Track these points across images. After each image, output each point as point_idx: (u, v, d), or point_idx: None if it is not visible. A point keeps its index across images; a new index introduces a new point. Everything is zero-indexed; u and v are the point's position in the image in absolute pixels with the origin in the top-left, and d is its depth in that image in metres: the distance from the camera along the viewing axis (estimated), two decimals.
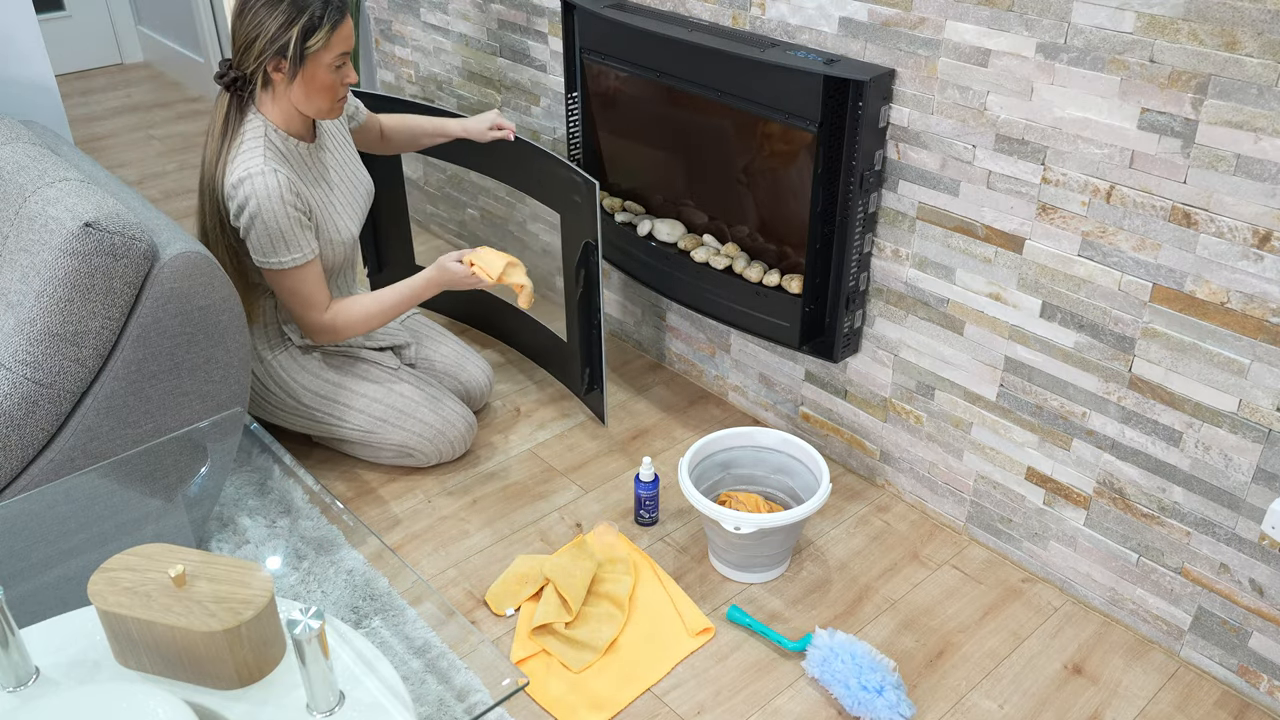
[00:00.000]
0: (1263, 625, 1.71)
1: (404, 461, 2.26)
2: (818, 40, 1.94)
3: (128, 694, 1.20)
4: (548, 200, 2.29)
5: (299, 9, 1.86)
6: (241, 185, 1.90)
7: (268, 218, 1.91)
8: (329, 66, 1.92)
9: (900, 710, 1.70)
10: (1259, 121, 1.45)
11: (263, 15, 1.86)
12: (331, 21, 1.88)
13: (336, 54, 1.92)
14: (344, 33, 1.91)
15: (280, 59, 1.89)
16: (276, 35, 1.86)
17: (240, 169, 1.91)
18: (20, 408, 1.67)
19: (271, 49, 1.88)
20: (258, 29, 1.87)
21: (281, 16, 1.85)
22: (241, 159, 1.92)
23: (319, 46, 1.89)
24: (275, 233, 1.93)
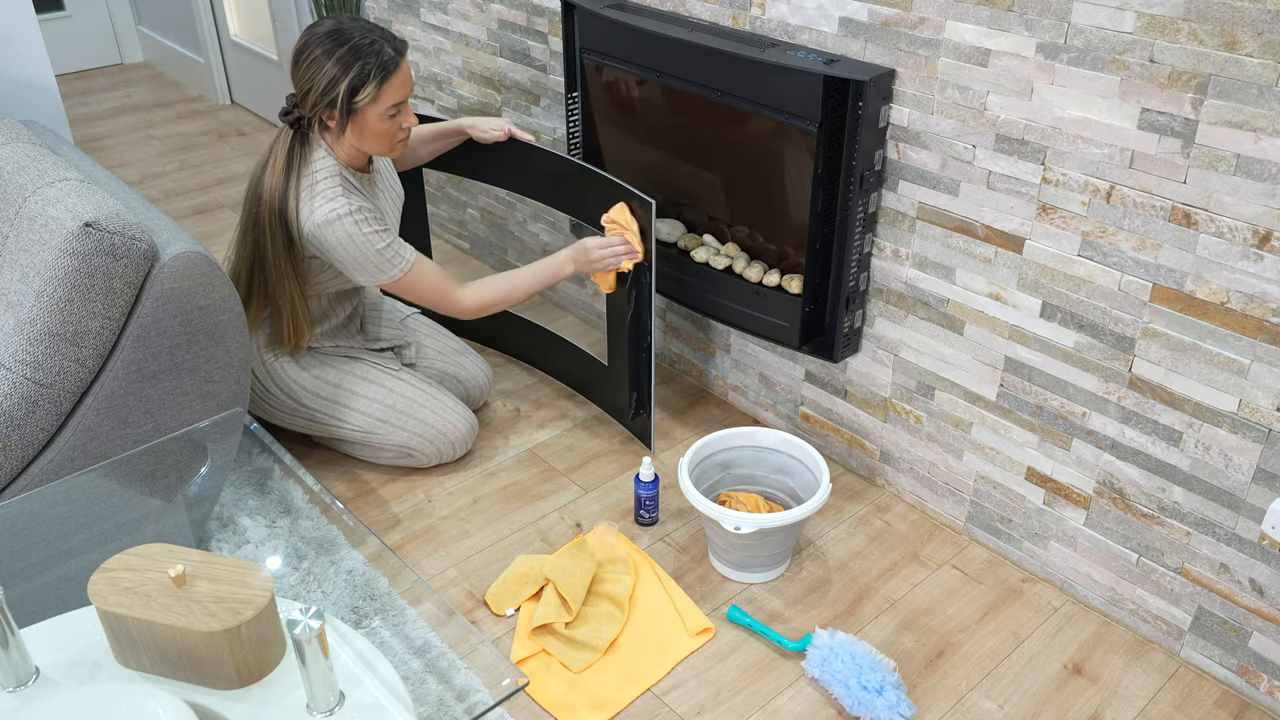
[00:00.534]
0: (1263, 625, 1.71)
1: (404, 462, 2.26)
2: (818, 40, 1.94)
3: (128, 694, 1.20)
4: (592, 219, 2.23)
5: (347, 65, 1.90)
6: (331, 225, 1.96)
7: (366, 248, 1.99)
8: (381, 116, 1.97)
9: (900, 710, 1.70)
10: (1259, 121, 1.45)
11: (314, 69, 1.92)
12: (380, 76, 1.92)
13: (388, 105, 1.96)
14: (396, 83, 1.95)
15: (331, 110, 1.94)
16: (326, 90, 1.92)
17: (324, 208, 1.96)
18: (20, 408, 1.67)
19: (323, 101, 1.93)
20: (310, 81, 1.93)
21: (333, 70, 1.90)
22: (323, 199, 1.97)
23: (367, 102, 1.94)
24: (377, 258, 2.01)
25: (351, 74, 1.90)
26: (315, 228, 1.97)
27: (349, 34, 1.92)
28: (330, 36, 1.92)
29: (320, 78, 1.91)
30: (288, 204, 1.99)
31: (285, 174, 1.99)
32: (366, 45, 1.91)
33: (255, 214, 2.02)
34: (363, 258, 2.00)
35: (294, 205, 1.99)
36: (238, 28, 4.30)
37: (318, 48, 1.91)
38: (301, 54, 1.93)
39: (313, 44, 1.92)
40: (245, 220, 2.06)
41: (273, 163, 2.00)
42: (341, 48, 1.90)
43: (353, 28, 1.93)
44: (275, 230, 1.99)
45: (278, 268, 2.03)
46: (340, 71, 1.90)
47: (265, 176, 2.00)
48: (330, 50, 1.90)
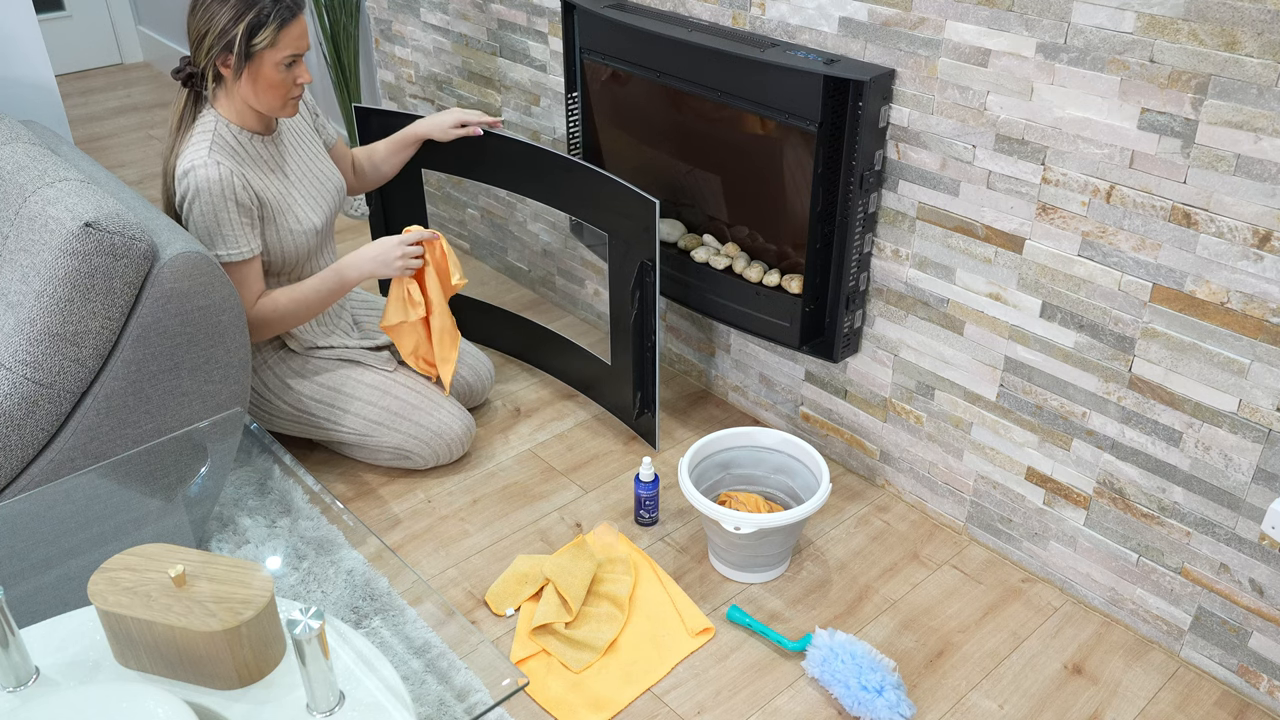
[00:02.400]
0: (1263, 625, 1.71)
1: (401, 464, 2.26)
2: (818, 40, 1.94)
3: (128, 694, 1.20)
4: (595, 220, 2.24)
5: (247, 5, 1.87)
6: (185, 177, 1.92)
7: (206, 210, 1.92)
8: (278, 65, 1.92)
9: (900, 710, 1.70)
10: (1259, 121, 1.45)
11: (213, 10, 1.87)
12: (280, 20, 1.89)
13: (285, 53, 1.92)
14: (294, 32, 1.91)
15: (227, 54, 1.90)
16: (224, 31, 1.87)
17: (186, 161, 1.93)
18: (20, 408, 1.67)
19: (219, 44, 1.89)
20: (207, 24, 1.88)
21: (230, 12, 1.87)
22: (188, 152, 1.94)
23: (265, 44, 1.90)
24: (213, 225, 1.94)
25: (251, 14, 1.87)
26: (175, 180, 1.93)
27: None
28: None
29: (219, 17, 1.87)
30: (169, 164, 1.96)
31: (175, 135, 1.97)
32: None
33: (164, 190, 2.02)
34: (199, 219, 1.92)
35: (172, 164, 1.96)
36: None
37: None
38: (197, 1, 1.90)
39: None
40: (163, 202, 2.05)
41: (169, 128, 1.99)
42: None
43: None
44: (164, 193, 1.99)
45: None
46: (241, 9, 1.86)
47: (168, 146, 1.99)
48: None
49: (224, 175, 1.91)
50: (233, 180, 1.93)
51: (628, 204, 2.12)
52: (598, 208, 2.21)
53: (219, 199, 1.92)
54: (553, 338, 2.56)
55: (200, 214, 1.93)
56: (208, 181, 1.90)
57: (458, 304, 2.74)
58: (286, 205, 2.07)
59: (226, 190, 1.92)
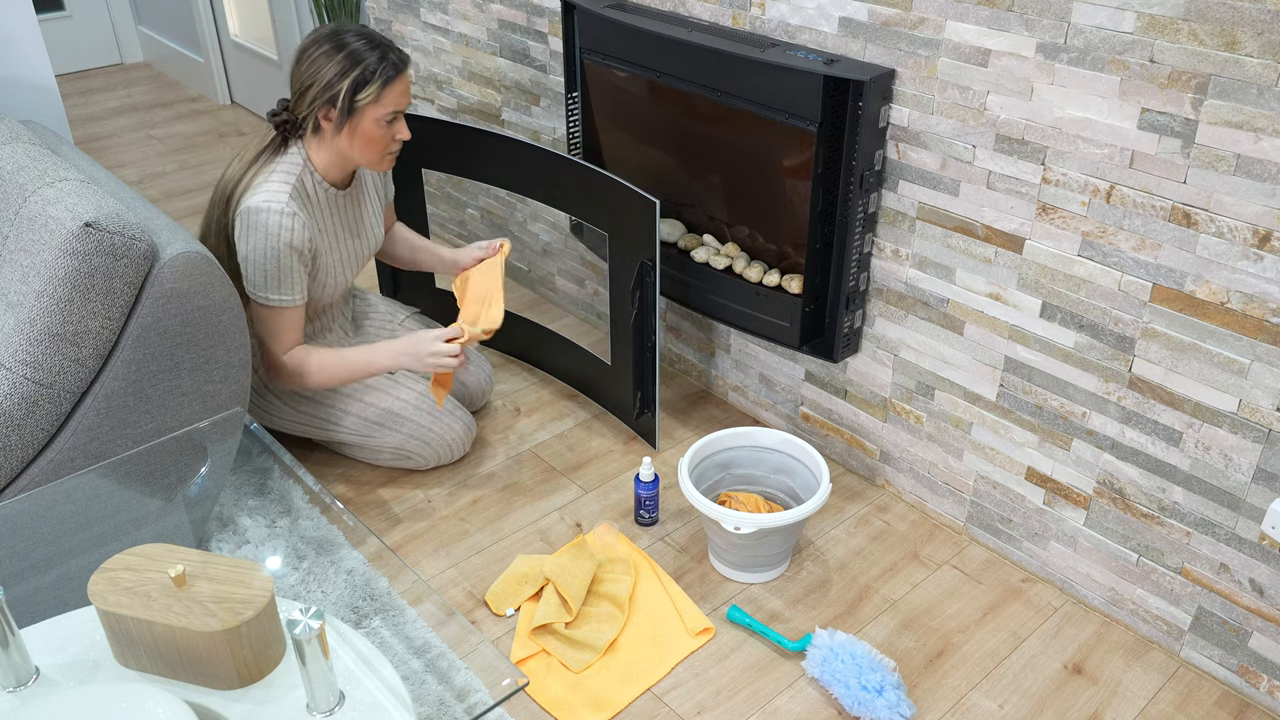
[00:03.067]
0: (1263, 625, 1.71)
1: (402, 464, 2.26)
2: (818, 40, 1.94)
3: (128, 694, 1.20)
4: (595, 220, 2.24)
5: (354, 61, 1.90)
6: (256, 214, 1.92)
7: (269, 253, 1.94)
8: (379, 120, 1.96)
9: (900, 710, 1.70)
10: (1259, 121, 1.45)
11: (320, 64, 1.90)
12: (384, 78, 1.92)
13: (388, 110, 1.95)
14: (398, 89, 1.95)
15: (329, 108, 1.93)
16: (329, 84, 1.90)
17: (263, 196, 1.93)
18: (20, 408, 1.67)
19: (323, 97, 1.92)
20: (313, 76, 1.91)
21: (337, 67, 1.90)
22: (266, 188, 1.94)
23: (369, 100, 1.93)
24: (272, 269, 1.95)
25: (358, 70, 1.90)
26: (244, 209, 1.93)
27: (355, 36, 1.93)
28: (335, 35, 1.92)
29: (325, 71, 1.90)
30: (238, 189, 1.96)
31: (250, 164, 1.97)
32: (373, 48, 1.92)
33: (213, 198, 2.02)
34: (261, 260, 1.93)
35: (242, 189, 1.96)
36: (238, 28, 4.30)
37: (326, 43, 1.91)
38: (306, 51, 1.93)
39: (320, 40, 1.92)
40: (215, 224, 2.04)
41: (240, 155, 1.99)
42: (348, 46, 1.91)
43: (359, 31, 1.94)
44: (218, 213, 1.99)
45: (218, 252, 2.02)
46: (347, 66, 1.90)
47: (228, 171, 1.99)
48: (338, 47, 1.91)
49: (296, 226, 1.93)
50: (303, 232, 1.95)
51: (628, 204, 2.12)
52: (598, 208, 2.21)
53: (285, 246, 1.93)
54: (553, 337, 2.56)
55: (262, 255, 1.94)
56: (279, 227, 1.92)
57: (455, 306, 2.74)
58: (331, 260, 2.10)
59: (296, 240, 1.94)
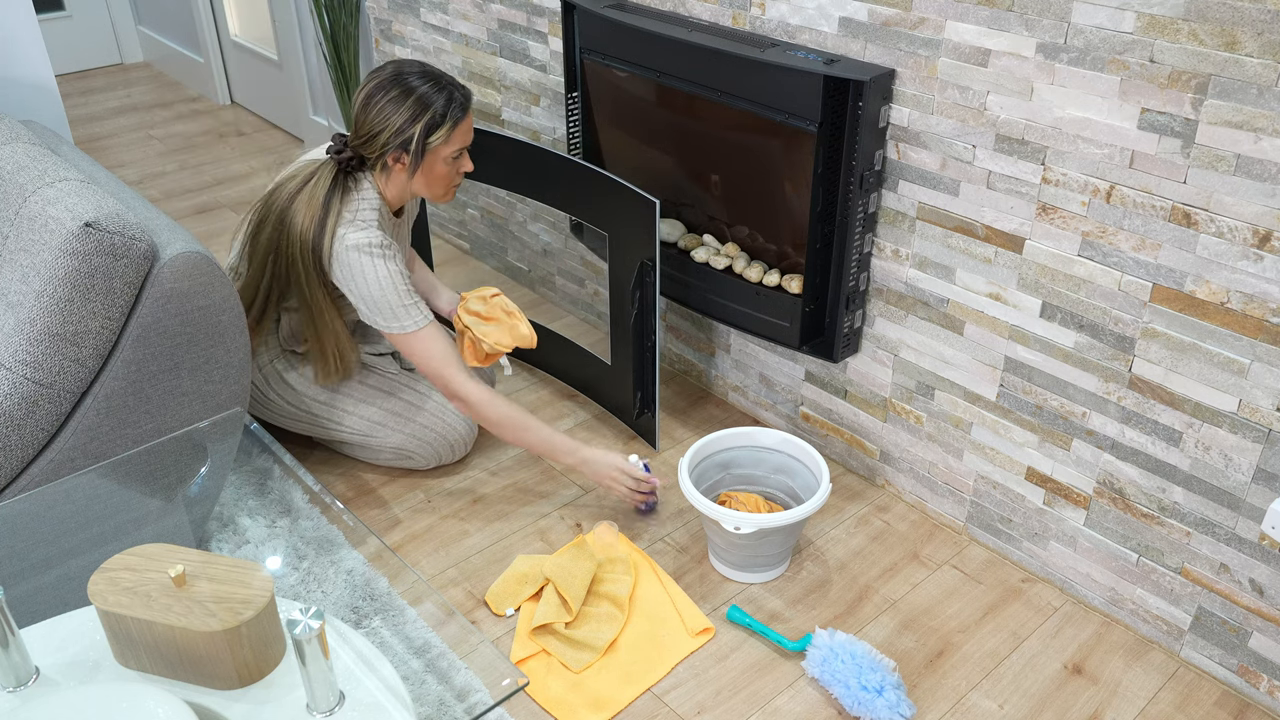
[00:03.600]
0: (1263, 625, 1.71)
1: (403, 464, 2.26)
2: (818, 40, 1.94)
3: (128, 694, 1.20)
4: (595, 220, 2.24)
5: (424, 106, 1.93)
6: (360, 253, 1.95)
7: (386, 288, 1.98)
8: (447, 159, 2.00)
9: (900, 710, 1.70)
10: (1259, 121, 1.45)
11: (389, 111, 1.93)
12: (454, 120, 1.96)
13: (456, 148, 1.99)
14: (464, 128, 1.99)
15: (402, 152, 1.96)
16: (401, 130, 1.93)
17: (358, 236, 1.96)
18: (20, 408, 1.67)
19: (395, 142, 1.95)
20: (383, 123, 1.94)
21: (407, 113, 1.92)
22: (359, 226, 1.97)
23: (440, 143, 1.96)
24: (395, 302, 1.99)
25: (429, 115, 1.93)
26: (344, 250, 1.96)
27: (419, 78, 1.95)
28: (400, 79, 1.94)
29: (396, 118, 1.93)
30: (323, 237, 1.97)
31: (324, 209, 1.97)
32: (439, 90, 1.95)
33: (276, 243, 2.01)
34: (381, 295, 1.98)
35: (329, 231, 1.97)
36: (238, 28, 4.30)
37: (393, 88, 1.93)
38: (373, 98, 1.94)
39: (386, 86, 1.94)
40: (265, 245, 2.02)
41: (309, 196, 1.98)
42: (415, 90, 1.93)
43: (421, 71, 1.96)
44: (309, 267, 1.99)
45: (316, 303, 2.04)
46: (418, 111, 1.93)
47: (297, 208, 1.98)
48: (405, 92, 1.93)
49: (398, 259, 2.00)
50: (399, 260, 2.00)
51: (628, 204, 2.12)
52: (598, 208, 2.21)
53: (397, 275, 1.98)
54: (553, 337, 2.56)
55: (380, 289, 1.97)
56: (385, 260, 1.97)
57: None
58: None
59: (396, 271, 1.99)
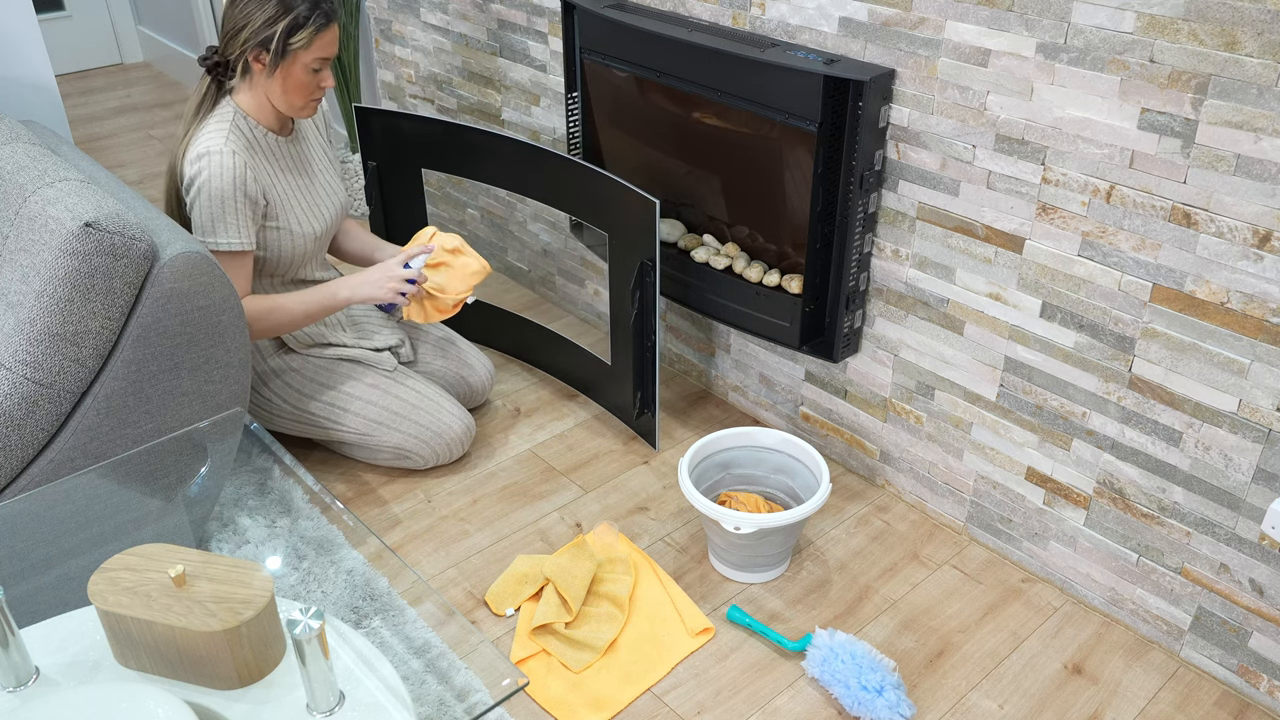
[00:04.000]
0: (1263, 625, 1.71)
1: (401, 463, 2.26)
2: (818, 40, 1.94)
3: (128, 694, 1.20)
4: (595, 219, 2.24)
5: (288, 6, 1.92)
6: (199, 160, 1.94)
7: (214, 195, 1.94)
8: (307, 67, 1.98)
9: (900, 710, 1.70)
10: (1259, 121, 1.45)
11: (252, 7, 1.92)
12: (317, 24, 1.94)
13: (316, 56, 1.97)
14: (328, 37, 1.97)
15: (262, 50, 1.95)
16: (262, 28, 1.92)
17: (200, 145, 1.95)
18: (20, 408, 1.67)
19: (255, 40, 1.93)
20: (245, 19, 1.93)
21: (270, 10, 1.91)
22: (204, 138, 1.96)
23: (300, 45, 1.95)
24: (218, 212, 1.95)
25: (291, 16, 1.92)
26: (187, 164, 1.95)
27: None
28: None
29: (259, 15, 1.91)
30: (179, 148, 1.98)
31: (190, 122, 1.99)
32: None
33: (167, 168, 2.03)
34: (205, 203, 1.93)
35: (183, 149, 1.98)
36: None
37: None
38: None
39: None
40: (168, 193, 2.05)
41: (184, 113, 2.01)
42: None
43: None
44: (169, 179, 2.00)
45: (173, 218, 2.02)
46: (282, 10, 1.91)
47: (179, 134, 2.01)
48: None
49: (238, 165, 1.94)
50: (245, 172, 1.96)
51: (628, 204, 2.12)
52: (598, 207, 2.21)
53: (229, 186, 1.94)
54: (553, 337, 2.56)
55: (208, 199, 1.94)
56: (220, 168, 1.93)
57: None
58: (289, 206, 2.09)
59: (238, 180, 1.94)
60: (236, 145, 1.96)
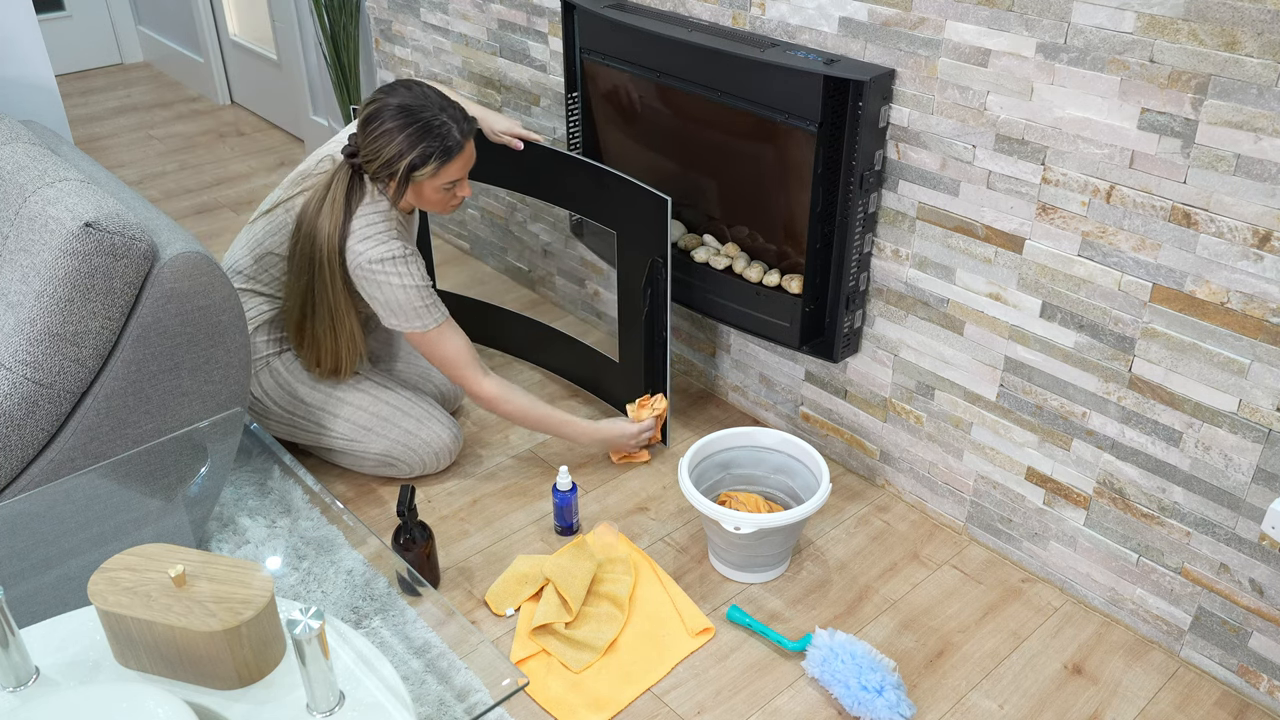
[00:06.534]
0: (1263, 625, 1.71)
1: (386, 472, 2.25)
2: (818, 40, 1.94)
3: (128, 694, 1.20)
4: (604, 218, 2.24)
5: (413, 144, 1.96)
6: (382, 264, 2.01)
7: (413, 292, 2.04)
8: (437, 188, 2.03)
9: (900, 710, 1.70)
10: (1259, 121, 1.45)
11: (382, 141, 1.97)
12: (440, 160, 1.98)
13: (445, 181, 2.02)
14: (456, 164, 2.01)
15: (389, 180, 2.00)
16: (389, 163, 1.97)
17: (379, 250, 2.01)
18: (20, 408, 1.67)
19: (384, 172, 1.99)
20: (375, 152, 1.98)
21: (397, 147, 1.96)
22: (377, 241, 2.02)
23: (426, 177, 2.00)
24: (418, 304, 2.05)
25: (414, 154, 1.96)
26: (368, 263, 2.01)
27: (420, 111, 1.95)
28: (402, 111, 1.95)
29: (386, 150, 1.96)
30: (346, 242, 2.02)
31: (344, 213, 2.02)
32: (436, 126, 1.95)
33: (310, 253, 2.04)
34: (405, 301, 2.04)
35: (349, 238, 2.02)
36: (237, 28, 4.30)
37: (390, 120, 1.95)
38: (371, 121, 1.97)
39: (384, 114, 1.96)
40: (299, 259, 2.06)
41: (331, 201, 2.02)
42: (411, 125, 1.95)
43: (426, 104, 1.96)
44: (335, 269, 2.04)
45: (338, 306, 2.07)
46: (405, 148, 1.95)
47: (321, 215, 2.02)
48: (401, 126, 1.95)
49: (419, 264, 2.05)
50: (419, 263, 2.06)
51: (638, 202, 2.12)
52: (607, 206, 2.21)
53: (419, 282, 2.04)
54: (558, 337, 2.56)
55: (406, 297, 2.04)
56: (407, 267, 2.02)
57: (458, 305, 2.74)
58: None
59: (417, 273, 2.04)
60: (402, 242, 2.03)
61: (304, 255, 2.06)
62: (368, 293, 2.05)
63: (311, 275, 2.06)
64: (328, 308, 2.08)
